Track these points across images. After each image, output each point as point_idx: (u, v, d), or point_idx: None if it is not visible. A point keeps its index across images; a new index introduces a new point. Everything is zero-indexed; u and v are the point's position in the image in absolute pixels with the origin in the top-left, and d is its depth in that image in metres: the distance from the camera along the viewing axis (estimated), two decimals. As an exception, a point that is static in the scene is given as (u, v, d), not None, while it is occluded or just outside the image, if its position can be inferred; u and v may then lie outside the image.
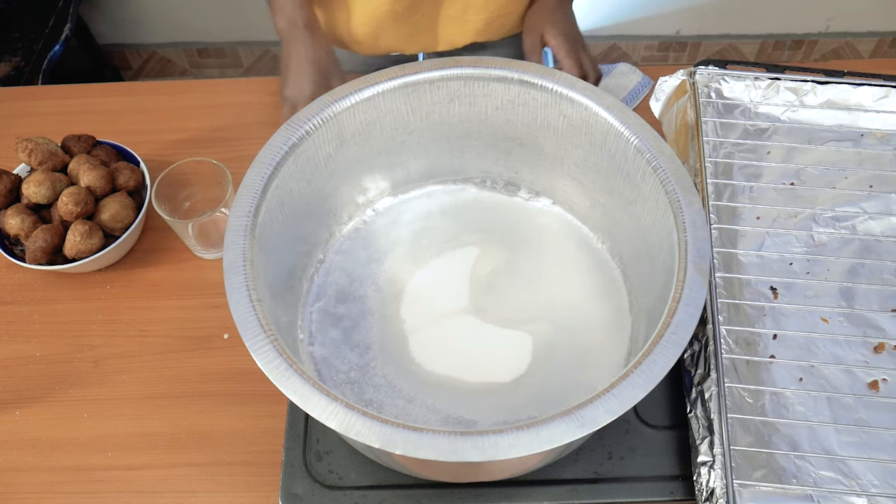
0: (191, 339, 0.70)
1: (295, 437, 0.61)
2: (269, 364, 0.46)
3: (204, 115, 0.86)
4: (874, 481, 0.54)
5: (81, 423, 0.66)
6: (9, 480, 0.63)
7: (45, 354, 0.70)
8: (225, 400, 0.67)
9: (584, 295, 0.64)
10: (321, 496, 0.58)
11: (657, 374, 0.45)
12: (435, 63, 0.60)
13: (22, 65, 1.35)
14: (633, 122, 0.57)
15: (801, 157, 0.71)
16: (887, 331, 0.61)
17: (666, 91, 0.75)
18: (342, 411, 0.44)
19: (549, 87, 0.59)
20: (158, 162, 0.80)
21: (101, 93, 0.89)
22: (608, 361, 0.61)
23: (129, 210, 0.72)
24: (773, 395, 0.57)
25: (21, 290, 0.73)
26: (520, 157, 0.68)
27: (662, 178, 0.54)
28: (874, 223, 0.66)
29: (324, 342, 0.62)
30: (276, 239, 0.56)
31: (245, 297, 0.48)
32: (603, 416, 0.44)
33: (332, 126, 0.59)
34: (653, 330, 0.49)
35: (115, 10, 1.69)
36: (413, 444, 0.43)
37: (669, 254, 0.53)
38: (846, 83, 0.73)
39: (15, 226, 0.69)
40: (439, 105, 0.62)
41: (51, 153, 0.72)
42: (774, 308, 0.62)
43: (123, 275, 0.74)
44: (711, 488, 0.54)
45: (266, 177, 0.54)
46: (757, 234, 0.66)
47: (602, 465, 0.59)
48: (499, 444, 0.43)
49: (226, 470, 0.63)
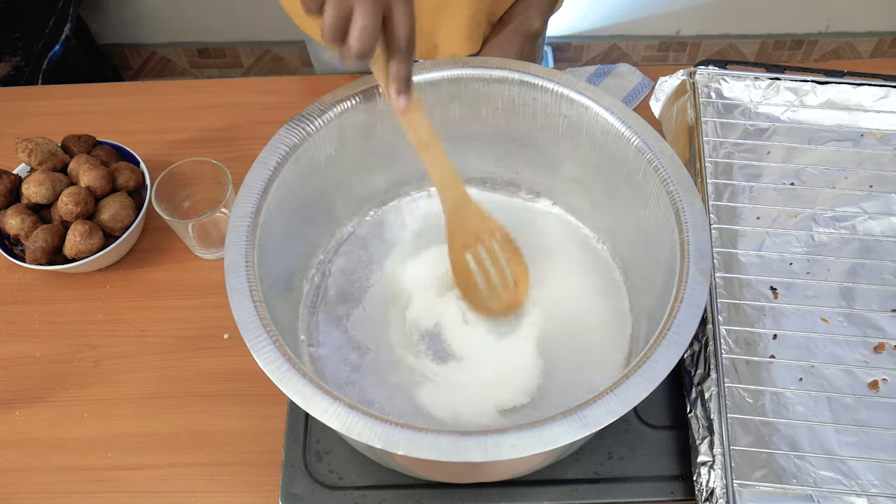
0: (191, 339, 0.70)
1: (295, 437, 0.61)
2: (271, 365, 0.46)
3: (204, 115, 0.86)
4: (874, 481, 0.54)
5: (81, 423, 0.66)
6: (9, 480, 0.63)
7: (45, 354, 0.70)
8: (225, 400, 0.67)
9: (584, 295, 0.64)
10: (321, 496, 0.58)
11: (659, 375, 0.45)
12: (435, 64, 0.60)
13: (22, 65, 1.35)
14: (633, 123, 0.57)
15: (801, 157, 0.71)
16: (887, 331, 0.61)
17: (666, 91, 0.75)
18: (344, 412, 0.44)
19: (549, 87, 0.59)
20: (158, 162, 0.80)
21: (101, 93, 0.89)
22: (609, 362, 0.61)
23: (129, 210, 0.72)
24: (773, 395, 0.57)
25: (21, 290, 0.73)
26: (520, 157, 0.68)
27: (663, 179, 0.54)
28: (874, 223, 0.67)
29: (325, 343, 0.62)
30: (276, 240, 0.56)
31: (246, 298, 0.48)
32: (605, 416, 0.44)
33: (332, 127, 0.59)
34: (653, 330, 0.49)
35: (115, 10, 1.69)
36: (415, 444, 0.43)
37: (671, 254, 0.53)
38: (846, 83, 0.73)
39: (15, 226, 0.69)
40: (440, 106, 0.62)
41: (51, 153, 0.72)
42: (774, 308, 0.62)
43: (123, 275, 0.74)
44: (711, 488, 0.54)
45: (267, 178, 0.54)
46: (757, 234, 0.66)
47: (602, 465, 0.59)
48: (501, 444, 0.43)
49: (226, 470, 0.63)
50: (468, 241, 0.60)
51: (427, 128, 0.55)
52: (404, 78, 0.52)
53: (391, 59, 0.52)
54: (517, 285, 0.61)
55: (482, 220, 0.60)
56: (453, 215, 0.59)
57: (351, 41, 0.48)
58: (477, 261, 0.60)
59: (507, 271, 0.61)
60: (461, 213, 0.59)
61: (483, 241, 0.60)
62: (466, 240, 0.60)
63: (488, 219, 0.60)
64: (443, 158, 0.57)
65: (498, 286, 0.61)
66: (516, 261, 0.61)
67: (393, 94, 0.53)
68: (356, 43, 0.48)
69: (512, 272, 0.61)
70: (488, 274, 0.60)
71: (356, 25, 0.48)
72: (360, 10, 0.47)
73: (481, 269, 0.60)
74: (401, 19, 0.50)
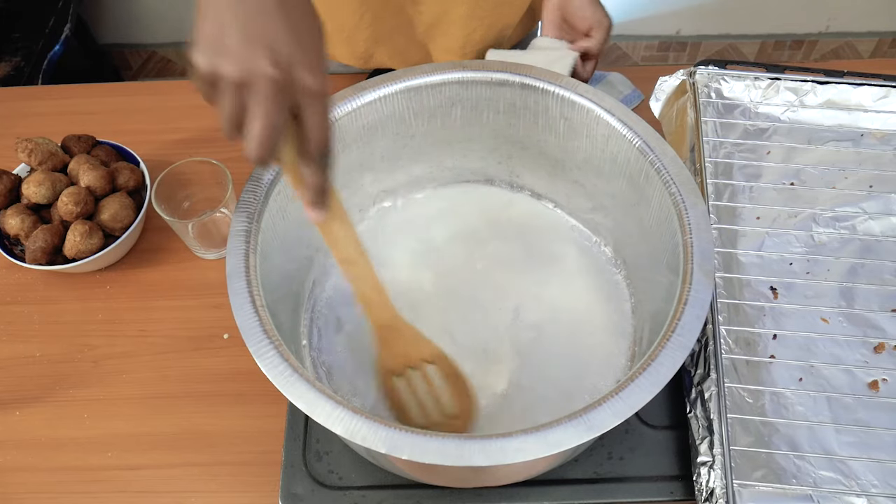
0: (191, 339, 0.70)
1: (295, 437, 0.61)
2: (274, 370, 0.46)
3: (204, 115, 0.85)
4: (874, 481, 0.54)
5: (81, 423, 0.66)
6: (9, 480, 0.63)
7: (45, 354, 0.70)
8: (225, 400, 0.67)
9: (586, 298, 0.64)
10: (321, 496, 0.58)
11: (664, 377, 0.45)
12: (436, 67, 0.60)
13: (22, 65, 1.35)
14: (635, 125, 0.57)
15: (801, 157, 0.71)
16: (887, 331, 0.61)
17: (666, 91, 0.75)
18: (347, 416, 0.44)
19: (550, 90, 0.59)
20: (158, 162, 0.80)
21: (101, 93, 0.89)
22: (611, 365, 0.61)
23: (129, 210, 0.72)
24: (773, 395, 0.57)
25: (21, 290, 0.73)
26: (521, 160, 0.68)
27: (665, 180, 0.54)
28: (874, 223, 0.67)
29: (327, 347, 0.62)
30: (278, 244, 0.56)
31: (248, 303, 0.48)
32: (610, 420, 0.43)
33: (333, 130, 0.58)
34: (656, 333, 0.49)
35: (115, 10, 1.69)
36: (420, 448, 0.43)
37: (673, 256, 0.53)
38: (846, 83, 0.73)
39: (15, 226, 0.69)
40: (441, 109, 0.62)
41: (51, 153, 0.72)
42: (774, 308, 0.62)
43: (123, 275, 0.74)
44: (711, 488, 0.54)
45: (268, 182, 0.54)
46: (757, 234, 0.66)
47: (602, 466, 0.59)
48: (505, 448, 0.43)
49: (226, 470, 0.63)
50: (397, 367, 0.54)
51: (350, 241, 0.49)
52: (319, 189, 0.45)
53: (304, 166, 0.44)
54: (458, 418, 0.54)
55: (415, 344, 0.54)
56: (381, 335, 0.53)
57: (247, 144, 0.40)
58: (410, 389, 0.54)
59: (445, 401, 0.54)
60: (390, 335, 0.54)
61: (416, 368, 0.54)
62: (395, 366, 0.54)
63: (423, 341, 0.54)
64: (370, 275, 0.51)
65: (433, 416, 0.54)
66: (459, 390, 0.54)
67: (306, 205, 0.46)
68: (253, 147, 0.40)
69: (453, 403, 0.54)
70: (423, 404, 0.54)
71: (253, 126, 0.40)
72: (257, 107, 0.39)
73: (415, 398, 0.54)
74: (313, 121, 0.42)
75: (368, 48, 0.82)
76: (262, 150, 0.40)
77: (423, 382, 0.53)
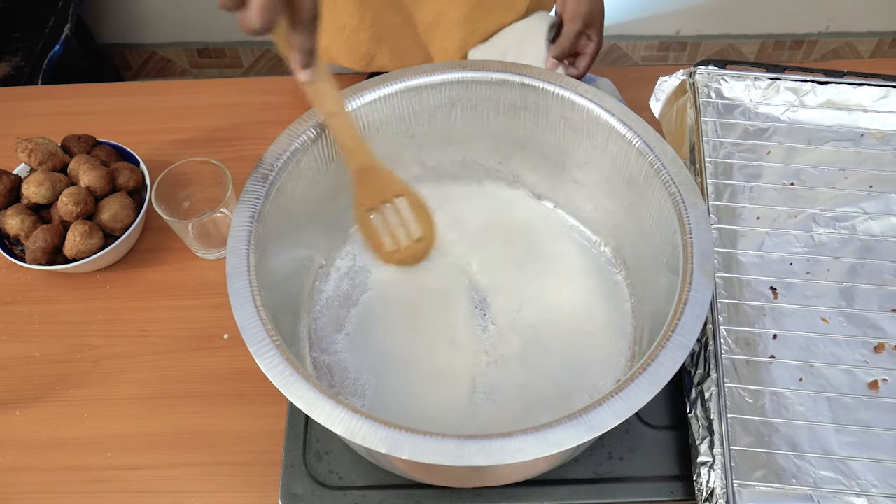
0: (191, 339, 0.70)
1: (295, 437, 0.61)
2: (274, 370, 0.46)
3: (204, 115, 0.86)
4: (874, 481, 0.54)
5: (81, 423, 0.66)
6: (9, 480, 0.63)
7: (45, 354, 0.70)
8: (225, 400, 0.67)
9: (586, 298, 0.64)
10: (321, 496, 0.58)
11: (664, 377, 0.45)
12: (436, 67, 0.60)
13: (22, 65, 1.35)
14: (635, 125, 0.57)
15: (801, 157, 0.71)
16: (887, 331, 0.61)
17: (666, 91, 0.75)
18: (347, 416, 0.44)
19: (550, 90, 0.59)
20: (158, 162, 0.80)
21: (101, 93, 0.89)
22: (611, 365, 0.61)
23: (129, 210, 0.72)
24: (773, 395, 0.57)
25: (21, 290, 0.73)
26: (521, 160, 0.68)
27: (665, 181, 0.54)
28: (874, 223, 0.67)
29: (327, 347, 0.62)
30: (278, 244, 0.56)
31: (249, 303, 0.48)
32: (610, 420, 0.43)
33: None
34: (656, 333, 0.49)
35: (115, 10, 1.69)
36: (420, 448, 0.43)
37: (673, 256, 0.53)
38: (846, 83, 0.73)
39: (15, 226, 0.69)
40: (441, 109, 0.62)
41: (51, 153, 0.72)
42: (774, 308, 0.62)
43: (123, 275, 0.74)
44: (711, 488, 0.54)
45: (268, 182, 0.54)
46: (757, 234, 0.66)
47: (602, 466, 0.59)
48: (506, 448, 0.43)
49: (226, 470, 0.63)
50: (375, 203, 0.60)
51: (333, 96, 0.55)
52: (308, 51, 0.50)
53: (294, 31, 0.49)
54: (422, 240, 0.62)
55: (389, 180, 0.60)
56: (360, 178, 0.59)
57: (250, 12, 0.44)
58: (384, 221, 0.60)
59: (412, 227, 0.61)
60: (367, 177, 0.59)
61: (389, 202, 0.60)
62: (373, 203, 0.60)
63: (395, 178, 0.60)
64: (350, 126, 0.57)
65: (402, 241, 0.61)
66: (423, 216, 0.61)
67: (296, 66, 0.51)
68: (254, 16, 0.44)
69: (418, 227, 0.61)
70: (394, 234, 0.61)
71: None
72: None
73: (387, 228, 0.61)
74: None
75: (370, 49, 0.82)
76: (262, 21, 0.44)
77: (394, 214, 0.60)
